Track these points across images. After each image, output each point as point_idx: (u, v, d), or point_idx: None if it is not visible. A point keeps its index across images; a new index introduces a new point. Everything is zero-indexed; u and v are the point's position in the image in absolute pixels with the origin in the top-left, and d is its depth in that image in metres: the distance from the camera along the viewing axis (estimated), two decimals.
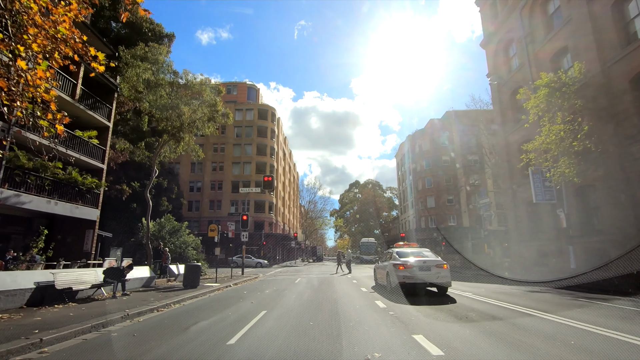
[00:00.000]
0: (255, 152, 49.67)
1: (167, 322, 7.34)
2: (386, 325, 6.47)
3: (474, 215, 46.56)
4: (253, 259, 39.23)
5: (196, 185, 48.78)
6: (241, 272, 23.42)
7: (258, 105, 52.07)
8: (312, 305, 9.25)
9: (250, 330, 6.17)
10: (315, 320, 6.97)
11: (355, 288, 13.89)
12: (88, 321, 6.54)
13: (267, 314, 7.81)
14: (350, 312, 8.00)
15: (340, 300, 10.13)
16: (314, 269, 31.47)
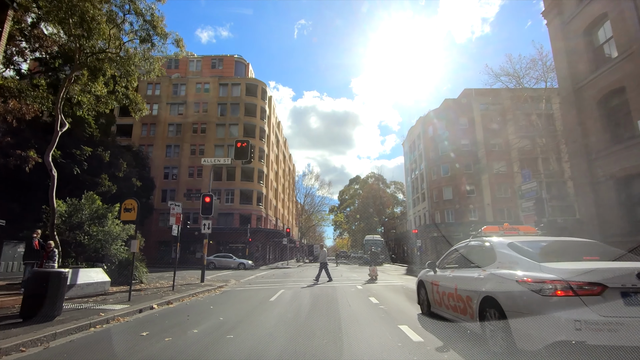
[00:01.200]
0: (241, 133, 42.30)
1: None
2: None
3: (498, 209, 39.40)
4: (234, 259, 31.92)
5: (172, 172, 41.38)
6: (200, 279, 16.07)
7: (246, 79, 44.71)
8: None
9: None
10: None
11: (390, 325, 6.47)
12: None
13: None
14: None
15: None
16: (308, 273, 24.16)
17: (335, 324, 6.39)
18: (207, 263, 30.45)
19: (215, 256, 31.47)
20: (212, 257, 31.54)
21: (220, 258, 31.81)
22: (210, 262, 30.82)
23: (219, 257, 31.89)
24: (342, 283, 15.85)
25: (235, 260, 31.14)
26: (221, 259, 31.62)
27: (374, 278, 16.98)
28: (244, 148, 16.93)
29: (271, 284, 16.14)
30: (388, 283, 15.85)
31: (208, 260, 30.70)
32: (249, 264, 31.72)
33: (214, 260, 30.81)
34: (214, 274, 23.10)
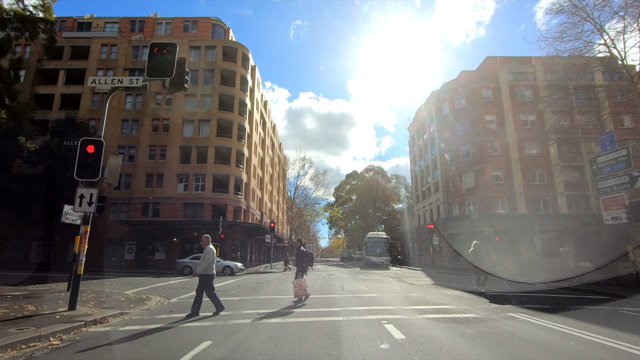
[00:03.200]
0: (217, 105, 34.31)
1: None
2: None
3: (532, 199, 31.99)
4: (218, 261, 23.70)
5: (128, 153, 33.21)
6: (68, 305, 8.17)
7: (223, 41, 36.71)
8: None
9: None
10: None
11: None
12: None
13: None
14: None
15: None
16: (290, 289, 16.34)
17: None
18: (181, 267, 22.73)
19: (191, 258, 23.36)
20: (187, 259, 23.61)
21: (197, 261, 23.41)
22: (186, 265, 22.89)
23: (196, 260, 23.46)
24: (346, 306, 8.02)
25: (220, 262, 23.07)
26: (195, 262, 23.32)
27: (303, 299, 9.80)
28: (165, 57, 9.12)
29: (214, 309, 8.27)
30: (442, 312, 8.07)
31: (182, 264, 23.14)
32: (238, 267, 23.95)
33: (189, 263, 22.80)
34: (155, 285, 15.13)
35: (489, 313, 7.70)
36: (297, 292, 9.69)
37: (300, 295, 9.71)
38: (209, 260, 7.95)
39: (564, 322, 6.72)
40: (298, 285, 9.72)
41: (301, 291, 9.70)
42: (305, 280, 9.93)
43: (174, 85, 9.73)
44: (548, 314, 7.76)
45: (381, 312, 7.98)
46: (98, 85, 9.50)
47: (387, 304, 9.23)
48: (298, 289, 9.68)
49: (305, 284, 9.79)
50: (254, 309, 8.60)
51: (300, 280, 9.83)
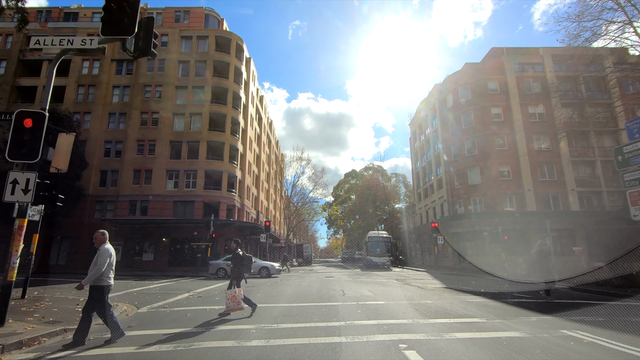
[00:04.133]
0: (209, 98, 32.51)
1: None
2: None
3: (542, 196, 30.36)
4: (254, 261, 21.38)
5: (115, 148, 31.36)
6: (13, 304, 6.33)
7: (215, 31, 34.89)
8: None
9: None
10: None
11: None
12: None
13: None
14: None
15: None
16: (288, 288, 14.73)
17: None
18: (216, 269, 20.55)
19: (225, 259, 21.37)
20: (221, 260, 21.63)
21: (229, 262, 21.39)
22: (220, 267, 20.93)
23: (228, 261, 21.50)
24: (350, 320, 6.24)
25: (256, 263, 21.14)
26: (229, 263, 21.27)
27: (236, 309, 7.91)
28: (124, 10, 7.34)
29: (157, 328, 6.47)
30: (474, 329, 6.31)
31: (216, 266, 20.97)
32: (275, 268, 22.00)
33: (223, 265, 20.84)
34: (132, 289, 13.28)
35: (537, 330, 5.98)
36: (229, 305, 7.77)
37: (233, 309, 7.82)
38: (102, 266, 5.77)
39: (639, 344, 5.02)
40: (231, 296, 7.80)
41: (234, 304, 7.77)
42: (240, 290, 7.97)
43: (139, 50, 7.92)
44: (609, 330, 6.05)
45: (395, 328, 6.25)
46: (44, 47, 7.72)
47: (400, 316, 7.50)
48: (231, 301, 7.77)
49: (240, 295, 7.87)
50: (234, 325, 6.85)
51: (235, 290, 7.90)
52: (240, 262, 8.30)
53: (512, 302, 9.77)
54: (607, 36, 18.07)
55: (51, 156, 7.77)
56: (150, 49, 8.02)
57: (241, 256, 8.36)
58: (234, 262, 8.33)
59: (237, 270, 8.27)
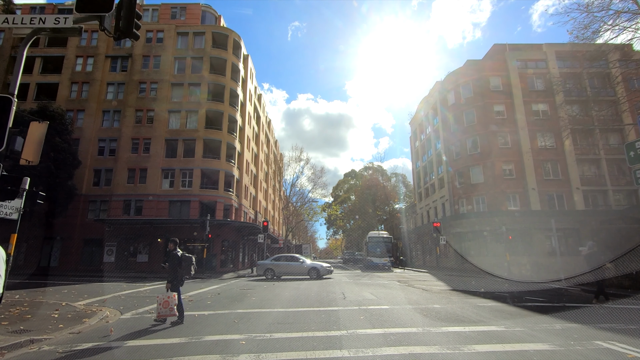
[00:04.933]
0: (205, 95, 31.76)
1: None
2: None
3: (546, 194, 29.69)
4: (303, 262, 20.61)
5: (109, 146, 30.58)
6: None
7: (212, 27, 34.15)
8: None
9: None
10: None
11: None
12: None
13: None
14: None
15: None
16: (285, 291, 14.00)
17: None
18: (264, 270, 20.54)
19: (273, 259, 20.89)
20: (268, 260, 21.12)
21: (280, 262, 20.76)
22: (268, 268, 20.31)
23: (279, 262, 20.82)
24: (352, 328, 5.49)
25: (305, 264, 20.19)
26: (282, 264, 20.58)
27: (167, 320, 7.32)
28: None
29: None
30: (493, 340, 5.56)
31: (264, 266, 20.46)
32: (325, 269, 20.32)
33: (271, 265, 20.28)
34: (120, 292, 12.46)
35: (567, 341, 5.25)
36: (160, 311, 7.07)
37: (165, 316, 7.08)
38: (187, 263, 5.16)
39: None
40: (163, 301, 7.07)
41: (166, 310, 7.04)
42: (175, 295, 7.21)
43: (120, 31, 7.17)
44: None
45: (404, 339, 5.51)
46: (13, 25, 6.97)
47: (408, 323, 6.77)
48: (163, 306, 7.05)
49: (174, 301, 7.13)
50: (222, 334, 6.10)
51: (169, 295, 7.16)
52: (177, 264, 7.42)
53: (528, 306, 9.04)
54: (618, 27, 17.36)
55: (18, 145, 6.99)
56: (132, 30, 7.26)
57: (179, 257, 7.46)
58: (171, 263, 7.46)
59: (173, 273, 7.40)
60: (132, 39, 7.67)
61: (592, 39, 18.60)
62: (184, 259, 7.52)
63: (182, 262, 7.45)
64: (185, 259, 7.54)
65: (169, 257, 7.53)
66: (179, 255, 7.47)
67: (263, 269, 20.59)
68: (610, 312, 8.32)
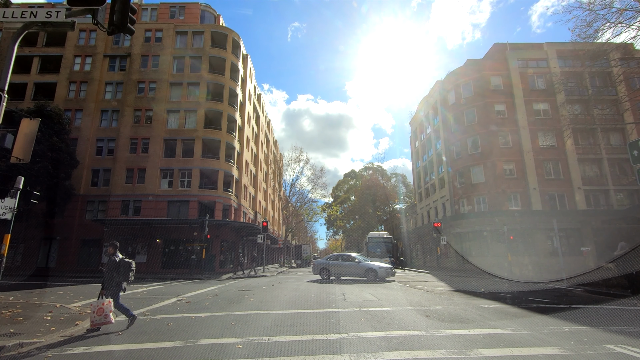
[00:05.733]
0: (204, 95, 31.56)
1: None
2: None
3: (548, 194, 29.50)
4: (359, 262, 18.82)
5: (107, 146, 30.37)
6: None
7: (211, 26, 33.96)
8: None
9: None
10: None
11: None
12: None
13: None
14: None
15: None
16: (284, 292, 13.77)
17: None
18: (319, 269, 19.57)
19: (329, 258, 19.89)
20: (324, 259, 20.14)
21: (336, 262, 19.36)
22: (323, 268, 19.37)
23: (335, 261, 19.44)
24: (353, 331, 5.26)
25: (361, 264, 18.54)
26: (337, 264, 19.18)
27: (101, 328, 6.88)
28: None
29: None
30: (500, 344, 5.36)
31: (319, 266, 19.51)
32: (384, 271, 18.13)
33: (326, 265, 19.27)
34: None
35: (577, 345, 5.04)
36: (94, 319, 6.65)
37: (100, 324, 6.69)
38: (127, 268, 4.88)
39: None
40: (98, 308, 6.67)
41: (101, 318, 6.64)
42: (110, 301, 6.83)
43: (114, 25, 6.97)
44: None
45: (407, 342, 5.31)
46: (3, 19, 6.76)
47: (411, 326, 6.56)
48: (97, 314, 6.65)
49: (109, 307, 6.75)
50: (218, 337, 5.89)
51: (103, 301, 6.75)
52: (115, 269, 7.01)
53: (533, 307, 8.83)
54: (621, 24, 17.17)
55: (8, 142, 6.78)
56: (127, 24, 7.08)
57: (117, 262, 7.02)
58: (107, 268, 7.06)
59: (109, 278, 6.99)
60: (127, 34, 7.49)
61: (594, 37, 18.40)
62: (122, 264, 7.06)
63: (119, 268, 7.01)
64: (124, 264, 7.08)
65: (106, 262, 7.11)
66: (116, 260, 7.06)
67: (318, 268, 19.53)
68: (617, 313, 8.11)
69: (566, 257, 24.60)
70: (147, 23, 33.75)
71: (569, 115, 29.66)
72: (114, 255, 7.11)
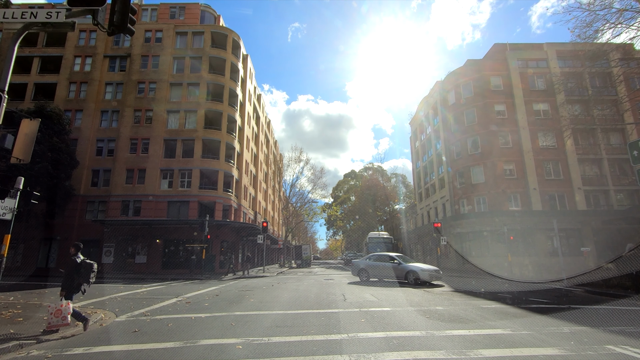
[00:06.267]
0: (204, 95, 31.58)
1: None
2: None
3: (548, 195, 29.49)
4: (398, 263, 16.89)
5: (107, 147, 30.38)
6: None
7: (211, 26, 33.98)
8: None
9: None
10: None
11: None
12: None
13: None
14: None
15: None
16: (284, 293, 13.79)
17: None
18: (357, 270, 18.18)
19: (369, 258, 18.46)
20: (364, 259, 18.74)
21: (374, 263, 17.73)
22: (362, 269, 17.94)
23: (372, 262, 17.85)
24: (353, 332, 5.26)
25: (401, 265, 16.54)
26: (375, 265, 17.53)
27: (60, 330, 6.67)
28: None
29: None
30: (501, 344, 5.36)
31: (358, 267, 18.24)
32: (427, 273, 15.80)
33: (365, 266, 17.81)
34: (117, 294, 12.21)
35: (577, 346, 5.04)
36: (51, 321, 6.55)
37: (57, 325, 6.57)
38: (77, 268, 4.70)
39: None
40: (55, 310, 6.54)
41: (58, 319, 6.53)
42: (69, 303, 6.70)
43: (114, 25, 6.98)
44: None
45: (407, 343, 5.31)
46: (4, 20, 6.77)
47: (411, 326, 6.56)
48: (55, 315, 6.52)
49: (67, 309, 6.61)
50: (218, 338, 5.89)
51: (62, 303, 6.62)
52: (75, 270, 6.86)
53: (533, 308, 8.83)
54: (620, 24, 17.17)
55: (8, 143, 6.78)
56: (127, 25, 7.09)
57: (77, 263, 6.86)
58: (66, 269, 6.96)
59: (69, 280, 6.91)
60: (127, 35, 7.50)
61: (594, 38, 18.41)
62: (83, 265, 6.93)
63: (80, 269, 6.88)
64: (85, 265, 6.94)
65: (66, 263, 7.01)
66: (77, 261, 6.91)
67: (357, 269, 18.08)
68: (617, 313, 8.11)
69: (566, 258, 24.59)
70: (147, 23, 33.76)
71: (569, 116, 29.63)
72: (75, 256, 6.98)
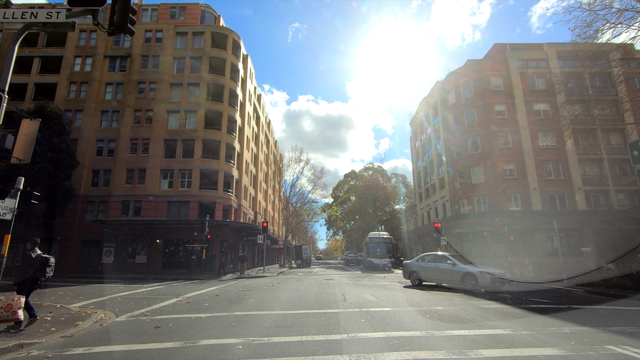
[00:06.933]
0: (204, 95, 31.58)
1: None
2: None
3: (548, 195, 29.49)
4: (455, 264, 14.73)
5: (107, 147, 30.38)
6: None
7: (212, 27, 33.97)
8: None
9: None
10: None
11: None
12: None
13: None
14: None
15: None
16: (284, 293, 13.80)
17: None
18: (408, 272, 16.72)
19: (419, 260, 16.65)
20: (415, 260, 16.94)
21: (427, 264, 15.97)
22: (412, 271, 16.47)
23: (425, 264, 16.11)
24: (353, 332, 5.26)
25: (458, 266, 14.55)
26: (428, 267, 15.76)
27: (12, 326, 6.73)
28: None
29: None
30: (501, 345, 5.36)
31: (410, 268, 16.66)
32: (488, 277, 13.66)
33: (417, 267, 16.24)
34: (117, 294, 12.22)
35: (577, 346, 5.04)
36: (2, 315, 6.38)
37: (6, 320, 6.40)
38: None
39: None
40: (6, 304, 6.41)
41: (8, 314, 6.38)
42: (20, 298, 6.58)
43: (114, 25, 6.98)
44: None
45: (407, 343, 5.31)
46: (4, 20, 6.77)
47: (411, 327, 6.56)
48: (5, 310, 6.38)
49: (18, 304, 6.50)
50: (218, 338, 5.89)
51: (13, 297, 6.50)
52: (30, 265, 6.89)
53: (533, 308, 8.83)
54: (621, 24, 17.16)
55: (8, 143, 6.77)
56: (127, 25, 7.09)
57: (33, 258, 6.89)
58: (22, 264, 6.98)
59: (24, 274, 6.92)
60: (127, 35, 7.50)
61: (594, 38, 18.39)
62: (40, 259, 6.96)
63: (36, 264, 6.91)
64: (41, 259, 6.97)
65: (22, 257, 7.04)
66: (33, 256, 6.94)
67: (408, 271, 16.71)
68: (617, 313, 8.11)
69: (566, 258, 24.58)
70: (147, 23, 33.77)
71: (569, 116, 29.62)
72: (31, 251, 7.00)
